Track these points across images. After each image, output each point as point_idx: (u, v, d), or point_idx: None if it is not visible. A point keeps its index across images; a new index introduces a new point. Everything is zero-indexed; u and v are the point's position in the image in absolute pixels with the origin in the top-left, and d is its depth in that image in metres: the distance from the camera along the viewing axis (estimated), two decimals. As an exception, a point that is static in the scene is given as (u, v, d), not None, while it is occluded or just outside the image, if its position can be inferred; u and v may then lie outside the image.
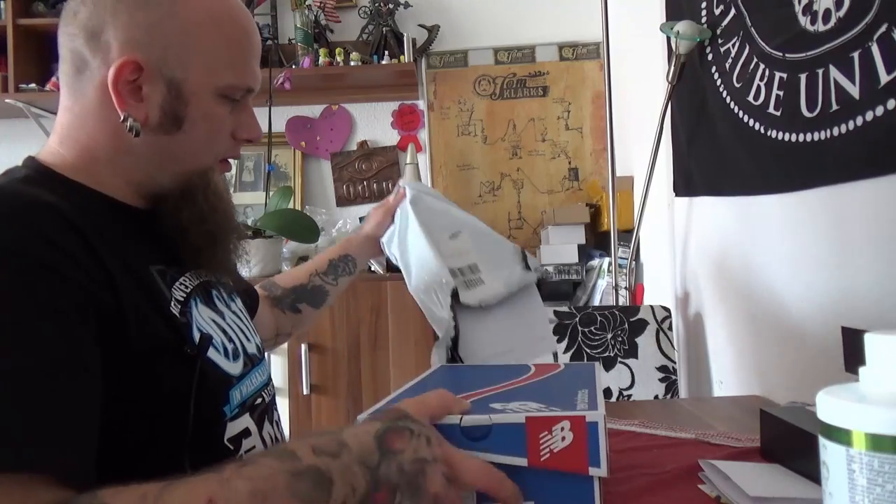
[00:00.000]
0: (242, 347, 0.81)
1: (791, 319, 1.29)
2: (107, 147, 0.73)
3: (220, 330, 0.78)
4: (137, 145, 0.72)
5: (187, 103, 0.73)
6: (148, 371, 0.64)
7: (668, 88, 1.75)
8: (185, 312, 0.72)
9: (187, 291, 0.75)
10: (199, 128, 0.74)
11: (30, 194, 0.63)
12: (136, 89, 0.71)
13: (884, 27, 0.95)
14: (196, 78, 0.73)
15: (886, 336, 0.43)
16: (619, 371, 1.66)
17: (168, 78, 0.71)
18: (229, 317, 0.83)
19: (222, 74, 0.74)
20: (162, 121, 0.72)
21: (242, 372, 0.79)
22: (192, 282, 0.77)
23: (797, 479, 0.75)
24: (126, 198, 0.75)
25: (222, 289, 0.86)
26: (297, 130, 2.84)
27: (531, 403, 0.65)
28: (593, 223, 2.60)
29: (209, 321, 0.77)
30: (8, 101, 2.54)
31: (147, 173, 0.75)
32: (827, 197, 1.15)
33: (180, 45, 0.71)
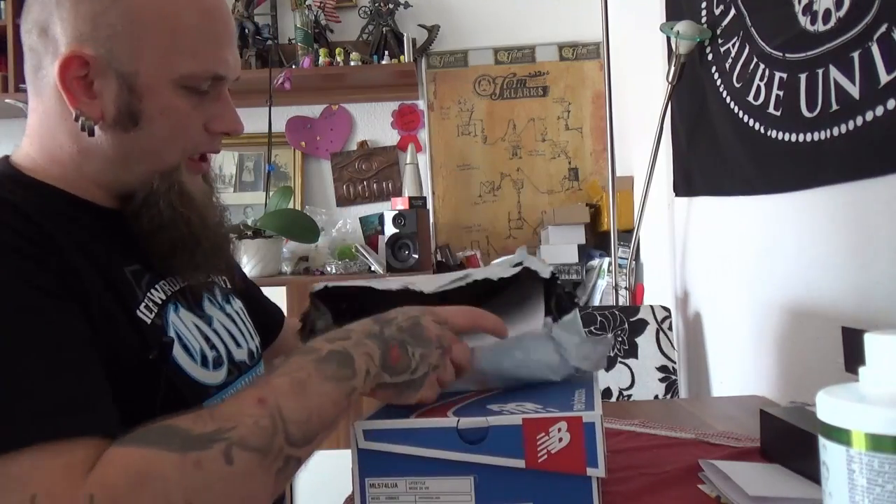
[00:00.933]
0: (228, 355, 0.78)
1: (791, 319, 1.29)
2: (69, 148, 0.70)
3: (201, 337, 0.75)
4: (98, 145, 0.69)
5: (141, 97, 0.67)
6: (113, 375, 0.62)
7: (668, 88, 1.75)
8: (160, 315, 0.70)
9: (166, 295, 0.72)
10: (158, 123, 0.69)
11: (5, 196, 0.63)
12: (88, 85, 0.67)
13: (884, 27, 0.94)
14: (148, 69, 0.67)
15: (886, 336, 0.43)
16: (619, 371, 1.66)
17: (118, 71, 0.66)
18: (219, 321, 0.80)
19: (178, 63, 0.68)
20: (118, 118, 0.68)
21: (226, 381, 0.76)
22: (174, 286, 0.74)
23: (797, 479, 0.75)
24: (97, 198, 0.72)
25: (217, 290, 0.84)
26: (297, 130, 2.84)
27: (528, 404, 0.65)
28: (593, 223, 2.60)
29: (190, 327, 0.74)
30: (8, 101, 2.54)
31: (112, 174, 0.71)
32: (827, 197, 1.15)
33: (128, 35, 0.66)
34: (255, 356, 0.86)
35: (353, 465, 0.64)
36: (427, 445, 0.62)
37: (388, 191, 2.83)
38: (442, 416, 0.64)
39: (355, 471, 0.64)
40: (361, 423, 0.64)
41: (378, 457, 0.63)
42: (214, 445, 0.53)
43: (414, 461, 0.63)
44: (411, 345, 0.65)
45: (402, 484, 0.63)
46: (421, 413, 0.66)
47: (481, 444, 0.61)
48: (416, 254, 2.38)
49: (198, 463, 0.52)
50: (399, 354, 0.64)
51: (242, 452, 0.54)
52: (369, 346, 0.63)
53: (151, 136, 0.69)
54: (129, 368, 0.65)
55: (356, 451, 0.64)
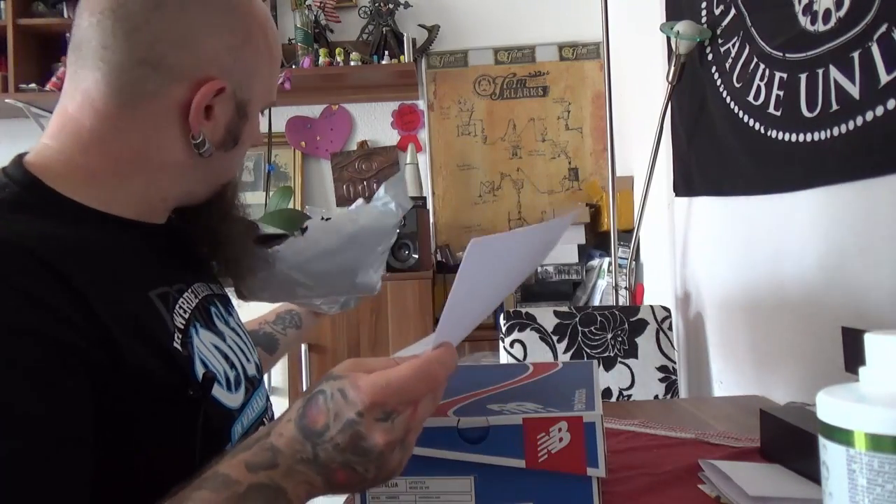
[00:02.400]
0: (244, 372, 0.76)
1: (791, 319, 1.29)
2: (153, 161, 0.68)
3: (221, 356, 0.72)
4: (192, 166, 0.70)
5: (246, 122, 0.73)
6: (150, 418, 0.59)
7: (668, 88, 1.75)
8: (187, 343, 0.66)
9: (187, 316, 0.69)
10: (245, 144, 0.75)
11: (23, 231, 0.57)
12: (209, 110, 0.69)
13: (884, 27, 0.94)
14: (256, 98, 0.73)
15: (886, 336, 0.43)
16: (619, 371, 1.66)
17: (238, 99, 0.71)
18: (230, 337, 0.77)
19: (270, 94, 0.76)
20: (224, 139, 0.71)
21: (244, 401, 0.73)
22: (192, 301, 0.72)
23: (797, 479, 0.75)
24: (143, 216, 0.70)
25: (219, 302, 0.80)
26: (297, 130, 2.84)
27: (528, 404, 0.65)
28: (593, 223, 2.60)
29: (211, 348, 0.71)
30: (8, 101, 2.54)
31: (188, 188, 0.73)
32: (827, 197, 1.15)
33: (252, 69, 0.71)
34: (259, 369, 0.83)
35: None
36: (427, 445, 0.62)
37: (388, 191, 2.83)
38: (442, 416, 0.64)
39: None
40: None
41: None
42: None
43: (414, 461, 0.62)
44: (359, 464, 0.51)
45: (402, 484, 0.63)
46: None
47: (481, 444, 0.61)
48: (415, 254, 2.38)
49: None
50: (347, 476, 0.52)
51: None
52: (305, 474, 0.51)
53: (239, 154, 0.75)
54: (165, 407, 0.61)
55: None
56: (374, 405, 0.50)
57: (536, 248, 0.74)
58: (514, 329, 1.68)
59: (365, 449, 0.50)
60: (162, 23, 0.65)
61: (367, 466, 0.51)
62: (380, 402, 0.50)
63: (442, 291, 2.53)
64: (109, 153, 0.66)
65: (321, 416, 0.51)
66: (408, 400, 0.51)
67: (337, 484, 0.52)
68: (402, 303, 2.28)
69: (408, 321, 2.28)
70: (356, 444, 0.50)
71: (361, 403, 0.50)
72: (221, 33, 0.68)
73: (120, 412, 0.57)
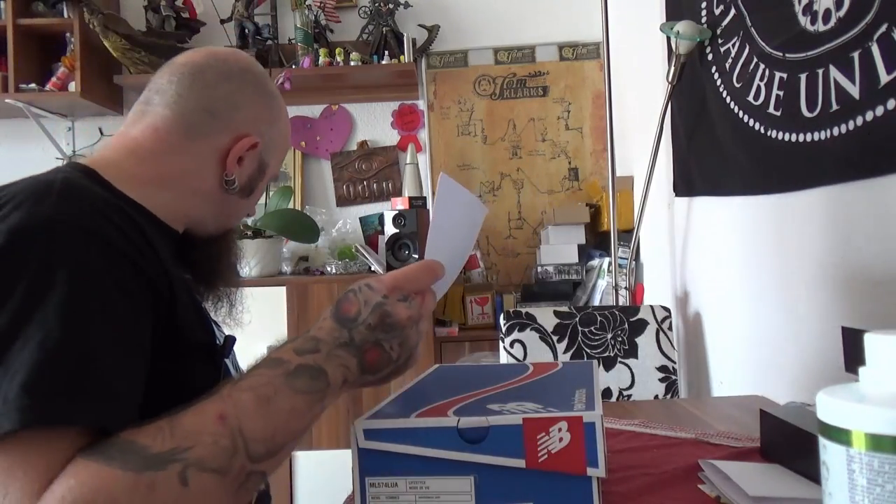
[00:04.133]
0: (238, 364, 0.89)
1: (791, 319, 1.29)
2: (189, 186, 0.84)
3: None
4: (215, 196, 0.86)
5: (262, 178, 0.90)
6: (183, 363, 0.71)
7: (668, 88, 1.75)
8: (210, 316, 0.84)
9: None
10: (254, 198, 0.92)
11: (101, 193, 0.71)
12: (241, 159, 0.85)
13: (884, 27, 0.94)
14: (273, 163, 0.92)
15: (886, 336, 0.43)
16: (619, 371, 1.66)
17: (262, 159, 0.89)
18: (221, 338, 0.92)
19: (279, 164, 0.95)
20: (244, 186, 0.88)
21: None
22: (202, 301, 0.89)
23: (797, 479, 0.75)
24: (166, 219, 0.82)
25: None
26: (297, 130, 2.84)
27: (528, 404, 0.65)
28: (593, 223, 2.60)
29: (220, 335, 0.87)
30: (8, 101, 2.54)
31: (203, 218, 0.87)
32: (827, 197, 1.15)
33: (277, 140, 0.91)
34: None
35: (354, 464, 0.64)
36: (427, 445, 0.62)
37: (388, 191, 2.83)
38: (442, 416, 0.64)
39: (355, 470, 0.64)
40: (362, 423, 0.64)
41: (378, 456, 0.63)
42: (170, 466, 0.54)
43: (414, 461, 0.63)
44: (387, 340, 0.65)
45: (402, 483, 0.63)
46: (421, 413, 0.66)
47: (481, 444, 0.61)
48: (416, 254, 2.38)
49: (151, 485, 0.53)
50: (377, 355, 0.65)
51: (199, 474, 0.55)
52: (343, 357, 0.64)
53: (247, 205, 0.92)
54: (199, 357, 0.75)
55: (356, 450, 0.64)
56: (395, 288, 0.66)
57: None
58: (514, 329, 1.68)
59: (391, 324, 0.64)
60: (227, 89, 0.84)
61: (392, 343, 0.65)
62: (398, 286, 0.66)
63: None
64: (159, 167, 0.81)
65: (353, 305, 0.65)
66: (418, 287, 0.68)
67: (368, 366, 0.65)
68: (402, 303, 2.28)
69: (408, 321, 2.28)
70: (384, 322, 0.64)
71: (386, 288, 0.66)
72: (263, 109, 0.87)
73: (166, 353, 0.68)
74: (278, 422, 0.59)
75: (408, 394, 0.75)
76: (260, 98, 0.87)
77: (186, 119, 0.82)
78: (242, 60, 0.88)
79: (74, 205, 0.65)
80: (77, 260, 0.61)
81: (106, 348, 0.60)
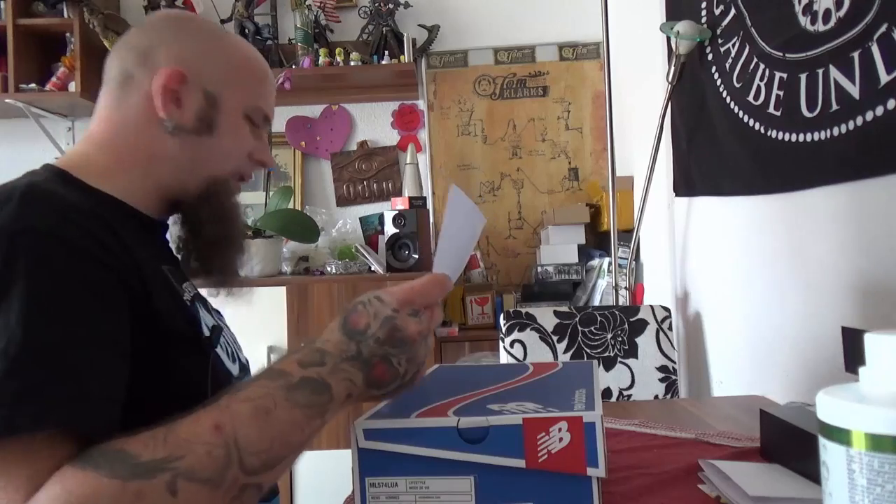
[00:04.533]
0: (237, 353, 0.87)
1: (791, 319, 1.29)
2: (144, 151, 0.80)
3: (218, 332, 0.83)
4: (172, 148, 0.81)
5: (219, 113, 0.83)
6: (169, 357, 0.71)
7: (668, 88, 1.75)
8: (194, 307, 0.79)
9: (191, 295, 0.82)
10: (226, 137, 0.84)
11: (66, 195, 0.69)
12: (177, 98, 0.80)
13: (884, 27, 0.94)
14: (230, 95, 0.84)
15: (886, 336, 0.43)
16: (619, 371, 1.66)
17: (206, 91, 0.82)
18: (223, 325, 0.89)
19: (251, 98, 0.86)
20: (196, 125, 0.81)
21: (238, 375, 0.84)
22: (193, 290, 0.84)
23: (797, 479, 0.75)
24: (143, 206, 0.81)
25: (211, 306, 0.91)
26: (297, 130, 2.84)
27: (528, 404, 0.65)
28: (593, 223, 2.60)
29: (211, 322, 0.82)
30: (8, 101, 2.54)
31: (177, 177, 0.82)
32: (827, 197, 1.15)
33: (221, 69, 0.83)
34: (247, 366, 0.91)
35: (354, 464, 0.64)
36: (427, 445, 0.62)
37: (388, 191, 2.83)
38: (442, 416, 0.64)
39: (355, 470, 0.64)
40: (362, 423, 0.64)
41: (378, 456, 0.63)
42: (159, 476, 0.53)
43: (414, 461, 0.63)
44: (395, 355, 0.63)
45: (402, 483, 0.63)
46: (421, 413, 0.66)
47: (481, 444, 0.61)
48: (416, 254, 2.38)
49: (139, 494, 0.52)
50: (384, 370, 0.63)
51: (188, 484, 0.54)
52: (349, 372, 0.62)
53: (218, 145, 0.84)
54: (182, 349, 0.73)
55: (356, 450, 0.64)
56: (405, 302, 0.64)
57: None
58: (514, 329, 1.68)
59: (400, 339, 0.63)
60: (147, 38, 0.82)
61: (400, 358, 0.63)
62: (409, 300, 0.65)
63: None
64: (115, 149, 0.80)
65: (363, 318, 0.63)
66: (428, 302, 0.66)
67: (374, 380, 0.63)
68: (402, 303, 2.28)
69: (408, 321, 2.28)
70: (393, 336, 0.62)
71: (396, 302, 0.64)
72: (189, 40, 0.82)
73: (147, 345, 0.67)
74: (276, 434, 0.58)
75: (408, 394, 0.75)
76: (186, 33, 0.83)
77: (116, 86, 0.81)
78: (172, 12, 0.86)
79: (34, 210, 0.64)
80: (37, 263, 0.60)
81: (73, 349, 0.59)
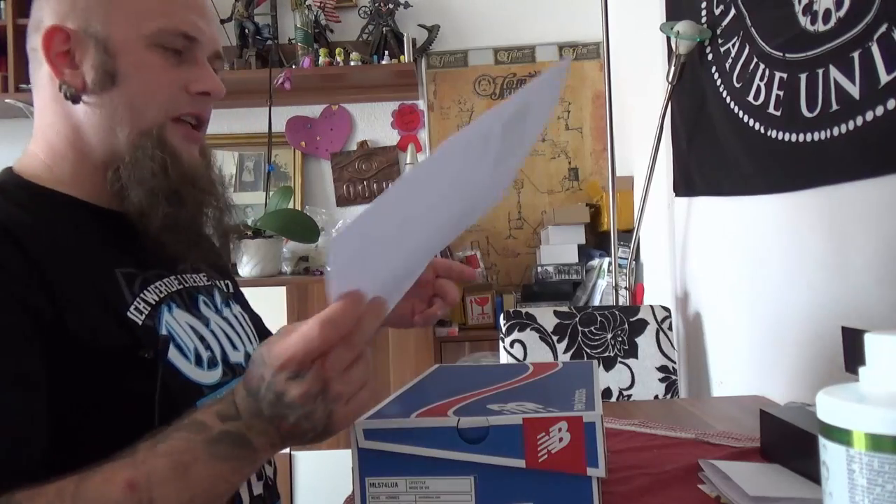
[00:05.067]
0: (223, 356, 0.78)
1: (791, 319, 1.29)
2: (65, 132, 0.74)
3: (195, 336, 0.76)
4: (86, 115, 0.73)
5: (116, 56, 0.72)
6: (107, 376, 0.65)
7: (668, 88, 1.75)
8: (153, 317, 0.71)
9: (161, 296, 0.74)
10: (134, 79, 0.73)
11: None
12: (71, 58, 0.72)
13: (884, 27, 0.94)
14: (120, 30, 0.72)
15: (886, 336, 0.43)
16: (619, 371, 1.66)
17: (95, 38, 0.72)
18: (216, 323, 0.81)
19: (148, 22, 0.73)
20: (97, 79, 0.72)
21: (220, 381, 0.76)
22: (171, 287, 0.76)
23: (797, 479, 0.75)
24: (95, 197, 0.75)
25: (217, 293, 0.84)
26: (297, 130, 2.84)
27: (528, 404, 0.65)
28: (593, 223, 2.60)
29: (185, 326, 0.75)
30: (8, 101, 2.54)
31: (106, 148, 0.74)
32: (827, 197, 1.15)
33: (101, 3, 0.72)
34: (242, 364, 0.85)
35: (354, 464, 0.64)
36: (427, 445, 0.62)
37: (388, 191, 2.83)
38: (442, 416, 0.64)
39: (355, 470, 0.64)
40: (361, 423, 0.64)
41: (378, 456, 0.63)
42: None
43: (414, 461, 0.63)
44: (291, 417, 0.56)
45: (402, 483, 0.63)
46: (421, 413, 0.66)
47: (481, 444, 0.61)
48: (416, 254, 2.37)
49: None
50: (290, 427, 0.57)
51: None
52: (262, 427, 0.57)
53: (129, 92, 0.73)
54: (124, 368, 0.66)
55: (356, 450, 0.64)
56: (282, 365, 0.55)
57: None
58: (514, 329, 1.68)
59: (287, 403, 0.55)
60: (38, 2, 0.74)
61: (297, 419, 0.56)
62: (286, 361, 0.54)
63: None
64: (45, 138, 0.75)
65: (254, 378, 0.57)
66: (313, 355, 0.54)
67: (288, 435, 0.57)
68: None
69: (408, 321, 2.27)
70: (280, 401, 0.55)
71: (272, 365, 0.55)
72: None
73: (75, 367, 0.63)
74: (197, 490, 0.55)
75: (408, 394, 0.75)
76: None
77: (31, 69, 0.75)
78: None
79: None
80: None
81: None
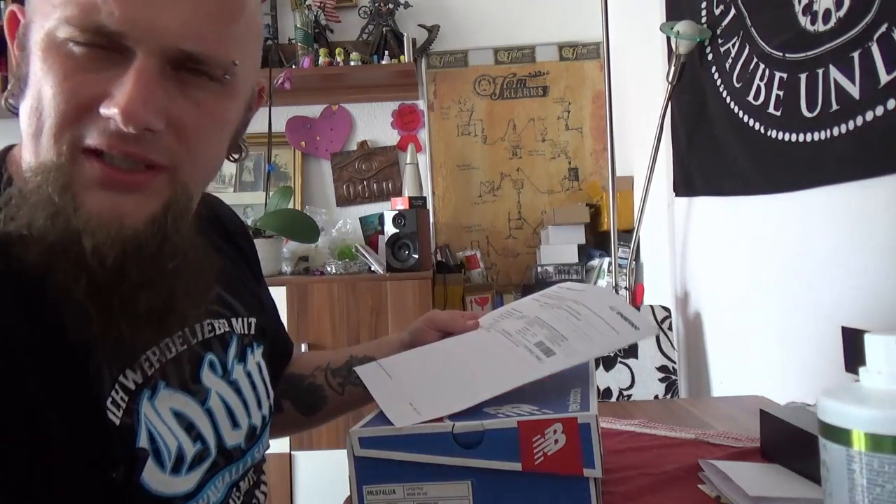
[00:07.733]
0: (218, 443, 0.66)
1: (791, 319, 1.28)
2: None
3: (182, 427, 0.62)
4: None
5: (28, 55, 0.53)
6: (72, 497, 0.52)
7: (668, 88, 1.75)
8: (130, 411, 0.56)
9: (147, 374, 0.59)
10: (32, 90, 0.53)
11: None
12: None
13: (884, 27, 0.94)
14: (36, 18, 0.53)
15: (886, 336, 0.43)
16: (619, 371, 1.66)
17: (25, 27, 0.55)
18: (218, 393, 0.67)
19: (56, 7, 0.51)
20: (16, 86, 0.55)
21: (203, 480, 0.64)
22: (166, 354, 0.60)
23: (797, 479, 0.75)
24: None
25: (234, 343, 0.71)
26: (297, 130, 2.84)
27: (524, 406, 0.65)
28: (593, 223, 2.60)
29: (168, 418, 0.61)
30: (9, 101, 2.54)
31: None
32: (827, 197, 1.15)
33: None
34: (256, 432, 0.74)
35: (350, 472, 0.64)
36: (423, 451, 0.62)
37: (388, 191, 2.83)
38: (437, 422, 0.63)
39: (352, 478, 0.64)
40: (356, 431, 0.63)
41: (374, 464, 0.63)
42: None
43: (411, 467, 0.62)
44: None
45: (399, 490, 0.63)
46: None
47: (477, 448, 0.61)
48: (415, 254, 2.38)
49: None
50: None
51: None
52: None
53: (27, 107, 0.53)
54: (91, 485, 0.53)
55: (352, 458, 0.63)
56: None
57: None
58: (514, 329, 1.68)
59: None
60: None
61: None
62: None
63: (442, 292, 2.53)
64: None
65: None
66: None
67: None
68: (402, 303, 2.28)
69: (408, 321, 2.25)
70: None
71: None
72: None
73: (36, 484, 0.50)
74: None
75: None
76: None
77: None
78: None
79: None
80: None
81: None
